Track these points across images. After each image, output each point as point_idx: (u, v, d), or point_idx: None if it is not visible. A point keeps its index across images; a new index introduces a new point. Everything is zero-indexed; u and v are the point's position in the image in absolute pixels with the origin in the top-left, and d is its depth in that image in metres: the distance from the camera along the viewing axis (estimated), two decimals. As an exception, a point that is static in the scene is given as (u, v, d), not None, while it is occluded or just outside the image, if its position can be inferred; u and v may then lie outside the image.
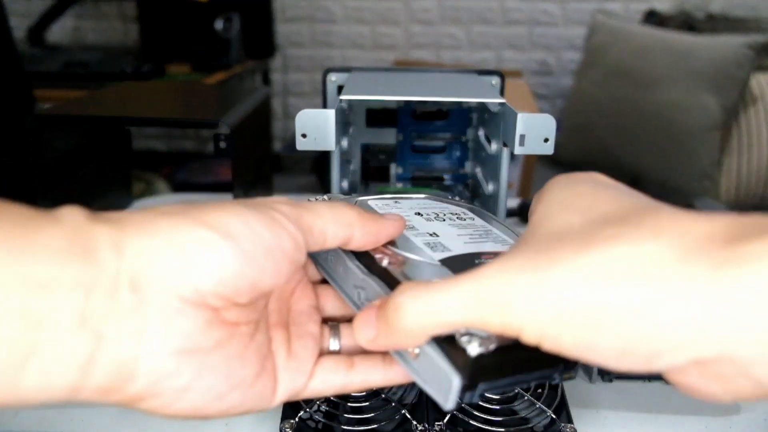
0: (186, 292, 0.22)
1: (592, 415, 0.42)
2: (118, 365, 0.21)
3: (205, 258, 0.22)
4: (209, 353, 0.23)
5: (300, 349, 0.28)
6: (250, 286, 0.24)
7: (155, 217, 0.23)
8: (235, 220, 0.23)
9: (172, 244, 0.22)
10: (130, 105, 0.65)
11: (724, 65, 1.60)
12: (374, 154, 0.60)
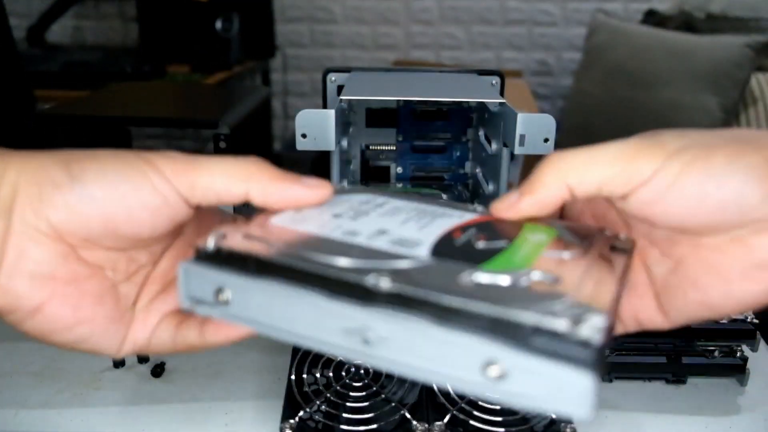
0: (41, 225, 0.24)
1: (592, 415, 0.42)
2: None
3: (55, 196, 0.24)
4: (64, 284, 0.25)
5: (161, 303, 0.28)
6: (103, 230, 0.25)
7: (36, 156, 0.25)
8: (94, 167, 0.25)
9: (33, 182, 0.24)
10: (130, 105, 0.65)
11: (724, 65, 1.60)
12: (374, 154, 0.60)
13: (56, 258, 0.25)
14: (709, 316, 0.26)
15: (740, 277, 0.25)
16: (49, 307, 0.25)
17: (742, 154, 0.24)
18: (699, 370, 0.45)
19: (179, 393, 0.43)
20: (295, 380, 0.39)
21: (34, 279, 0.24)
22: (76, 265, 0.25)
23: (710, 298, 0.25)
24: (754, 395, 0.44)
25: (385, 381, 0.39)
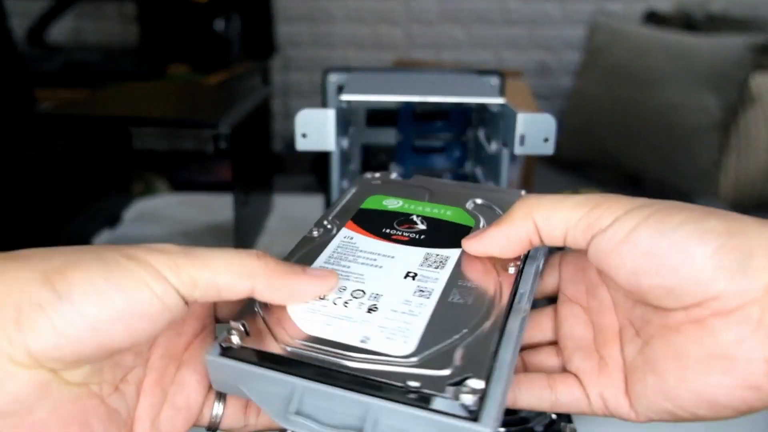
0: (17, 354, 0.20)
1: (592, 415, 0.42)
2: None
3: (38, 321, 0.20)
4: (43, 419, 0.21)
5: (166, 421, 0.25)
6: (95, 349, 0.21)
7: (9, 265, 0.21)
8: (82, 280, 0.21)
9: (9, 303, 0.20)
10: (130, 105, 0.65)
11: (724, 65, 1.60)
12: (374, 154, 0.60)
13: (34, 390, 0.21)
14: (671, 411, 0.24)
15: (698, 365, 0.23)
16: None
17: (704, 219, 0.23)
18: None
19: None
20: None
21: (7, 418, 0.20)
22: (57, 392, 0.21)
23: (668, 386, 0.24)
24: None
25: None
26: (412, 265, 0.30)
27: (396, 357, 0.24)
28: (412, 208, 0.35)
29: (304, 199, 0.82)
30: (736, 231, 0.22)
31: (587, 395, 0.27)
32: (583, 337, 0.29)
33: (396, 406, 0.23)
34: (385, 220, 0.34)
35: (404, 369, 0.24)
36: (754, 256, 0.22)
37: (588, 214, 0.25)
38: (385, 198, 0.36)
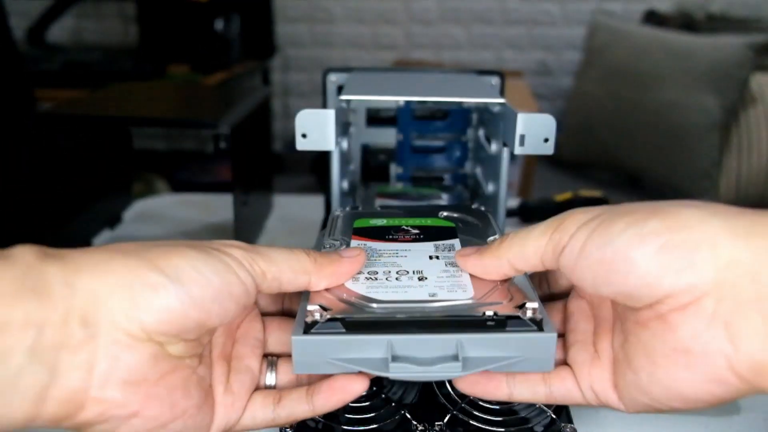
0: (133, 329, 0.24)
1: (592, 415, 0.42)
2: (69, 396, 0.23)
3: (153, 300, 0.24)
4: (155, 384, 0.25)
5: (237, 384, 0.30)
6: (196, 325, 0.25)
7: (111, 256, 0.25)
8: (186, 265, 0.25)
9: (123, 285, 0.24)
10: (130, 105, 0.65)
11: (724, 65, 1.60)
12: (374, 154, 0.60)
13: (147, 360, 0.24)
14: (649, 405, 0.26)
15: (664, 360, 0.24)
16: (146, 410, 0.25)
17: (645, 221, 0.24)
18: (699, 370, 0.45)
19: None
20: (295, 380, 0.39)
21: (128, 385, 0.24)
22: (163, 363, 0.25)
23: (642, 381, 0.26)
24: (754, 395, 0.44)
25: (385, 381, 0.39)
26: (430, 252, 0.36)
27: (465, 300, 0.30)
28: (397, 222, 0.40)
29: (304, 199, 0.82)
30: (679, 227, 0.23)
31: (580, 388, 0.29)
32: (584, 331, 0.30)
33: (480, 335, 0.28)
34: (382, 232, 0.39)
35: (476, 305, 0.29)
36: (699, 250, 0.22)
37: (551, 237, 0.27)
38: (370, 219, 0.41)
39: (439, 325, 0.29)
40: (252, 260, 0.28)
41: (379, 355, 0.28)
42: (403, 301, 0.30)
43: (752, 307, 0.21)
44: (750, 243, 0.22)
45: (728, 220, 0.23)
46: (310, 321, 0.28)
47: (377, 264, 0.34)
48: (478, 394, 0.30)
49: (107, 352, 0.23)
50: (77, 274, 0.23)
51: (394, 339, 0.28)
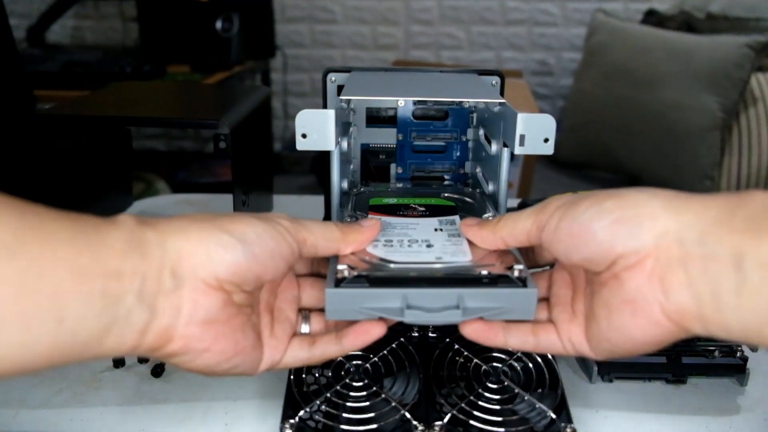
0: (210, 279, 0.30)
1: (592, 415, 0.42)
2: (162, 331, 0.29)
3: (225, 257, 0.30)
4: (223, 325, 0.31)
5: (279, 331, 0.36)
6: (255, 278, 0.31)
7: (190, 223, 0.31)
8: (250, 230, 0.31)
9: (201, 245, 0.30)
10: (130, 105, 0.65)
11: (724, 65, 1.60)
12: (374, 154, 0.60)
13: (219, 305, 0.30)
14: (609, 350, 0.32)
15: (617, 309, 0.30)
16: (216, 346, 0.31)
17: (602, 201, 0.31)
18: (699, 370, 0.45)
19: (179, 393, 0.43)
20: (295, 380, 0.39)
21: (205, 324, 0.30)
22: (229, 308, 0.31)
23: (602, 329, 0.32)
24: (754, 395, 0.44)
25: (385, 381, 0.39)
26: (435, 225, 0.43)
27: (464, 262, 0.37)
28: (406, 201, 0.48)
29: (304, 199, 0.82)
30: (629, 205, 0.30)
31: (561, 340, 0.35)
32: (564, 295, 0.36)
33: (477, 290, 0.34)
34: (393, 209, 0.46)
35: (473, 267, 0.36)
36: (642, 223, 0.29)
37: (536, 219, 0.33)
38: (383, 198, 0.48)
39: (444, 282, 0.35)
40: (296, 229, 0.34)
41: (396, 304, 0.34)
42: (415, 263, 0.36)
43: (678, 265, 0.28)
44: (680, 217, 0.28)
45: (666, 200, 0.29)
46: (340, 277, 0.34)
47: (392, 234, 0.41)
48: (480, 340, 0.35)
49: (190, 297, 0.29)
50: (166, 237, 0.29)
51: (408, 292, 0.34)
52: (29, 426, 0.40)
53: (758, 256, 0.25)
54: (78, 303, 0.26)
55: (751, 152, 1.62)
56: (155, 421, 0.41)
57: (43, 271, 0.25)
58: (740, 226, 0.26)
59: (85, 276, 0.26)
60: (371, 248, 0.38)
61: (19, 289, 0.24)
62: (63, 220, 0.27)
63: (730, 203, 0.27)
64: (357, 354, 0.41)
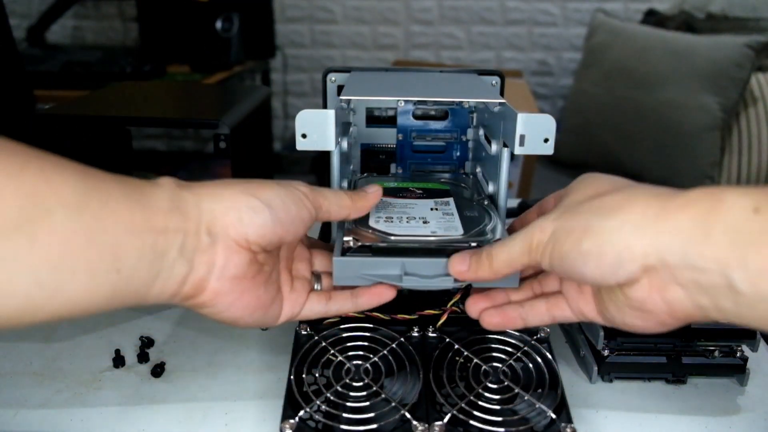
0: (240, 239, 0.33)
1: (592, 415, 0.42)
2: (198, 282, 0.33)
3: (254, 219, 0.33)
4: (249, 281, 0.35)
5: (298, 286, 0.40)
6: (278, 239, 0.35)
7: (223, 188, 0.34)
8: (275, 196, 0.35)
9: (233, 208, 0.33)
10: (130, 105, 0.65)
11: (724, 65, 1.60)
12: (374, 154, 0.60)
13: (246, 263, 0.34)
14: (620, 326, 0.34)
15: (626, 311, 0.33)
16: (241, 300, 0.35)
17: (579, 242, 0.32)
18: (699, 370, 0.45)
19: (179, 393, 0.43)
20: (295, 380, 0.39)
21: (234, 279, 0.34)
22: (254, 266, 0.35)
23: (614, 318, 0.34)
24: (754, 395, 0.44)
25: (385, 381, 0.39)
26: (431, 206, 0.47)
27: (456, 236, 0.41)
28: (405, 185, 0.52)
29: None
30: (604, 243, 0.31)
31: (573, 312, 0.37)
32: None
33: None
34: (394, 191, 0.50)
35: (464, 240, 0.41)
36: (622, 258, 0.30)
37: (530, 257, 0.35)
38: (384, 182, 0.51)
39: (438, 252, 0.40)
40: (314, 196, 0.37)
41: (395, 272, 0.39)
42: (412, 236, 0.41)
43: (673, 283, 0.29)
44: (655, 240, 0.29)
45: (637, 221, 0.30)
46: (346, 247, 0.39)
47: (392, 212, 0.45)
48: (503, 328, 0.40)
49: (223, 254, 0.33)
50: (202, 198, 0.33)
51: (406, 261, 0.39)
52: (29, 426, 0.40)
53: (747, 272, 0.26)
54: (132, 255, 0.29)
55: (751, 152, 1.62)
56: (155, 421, 0.41)
57: (105, 227, 0.28)
58: (721, 240, 0.27)
59: (138, 232, 0.29)
60: (374, 223, 0.43)
61: (86, 242, 0.27)
62: (116, 182, 0.30)
63: (701, 213, 0.28)
64: (357, 354, 0.41)
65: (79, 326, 0.51)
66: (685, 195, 0.29)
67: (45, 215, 0.26)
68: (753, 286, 0.26)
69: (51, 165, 0.28)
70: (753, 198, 0.27)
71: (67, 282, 0.27)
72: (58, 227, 0.26)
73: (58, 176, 0.27)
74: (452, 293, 0.50)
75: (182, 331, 0.51)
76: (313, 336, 0.43)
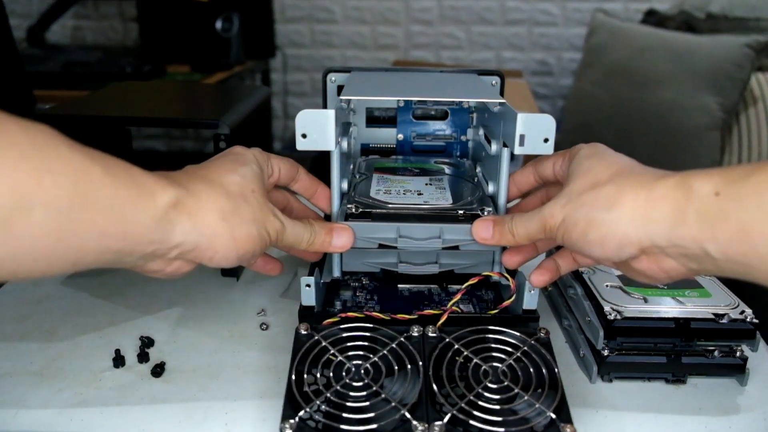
0: (202, 263, 0.38)
1: (592, 415, 0.42)
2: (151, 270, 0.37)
3: (223, 260, 0.38)
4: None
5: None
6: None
7: (214, 213, 0.37)
8: (248, 239, 0.38)
9: (212, 247, 0.37)
10: (130, 105, 0.65)
11: (724, 65, 1.60)
12: (374, 154, 0.60)
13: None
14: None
15: (632, 273, 0.38)
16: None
17: (586, 233, 0.37)
18: (699, 370, 0.45)
19: (179, 393, 0.43)
20: (295, 380, 0.39)
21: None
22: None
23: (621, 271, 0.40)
24: (754, 395, 0.44)
25: (385, 381, 0.39)
26: (426, 181, 0.52)
27: (446, 205, 0.47)
28: (403, 165, 0.57)
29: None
30: (607, 233, 0.36)
31: (576, 261, 0.44)
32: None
33: (454, 225, 0.45)
34: (394, 170, 0.55)
35: (452, 208, 0.47)
36: (622, 243, 0.35)
37: (545, 233, 0.40)
38: (385, 163, 0.57)
39: (429, 219, 0.46)
40: (280, 235, 0.42)
41: (391, 235, 0.45)
42: (407, 204, 0.47)
43: (666, 256, 0.35)
44: (646, 228, 0.35)
45: (632, 213, 0.35)
46: (349, 213, 0.46)
47: (391, 186, 0.51)
48: (547, 282, 0.44)
49: (178, 264, 0.37)
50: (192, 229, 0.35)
51: (401, 225, 0.45)
52: (29, 426, 0.40)
53: (717, 244, 0.32)
54: (94, 256, 0.32)
55: (751, 152, 1.62)
56: (155, 421, 0.41)
57: (78, 231, 0.30)
58: (694, 222, 0.33)
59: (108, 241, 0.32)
60: (374, 194, 0.49)
61: (55, 241, 0.29)
62: (110, 186, 0.32)
63: (677, 200, 0.33)
64: (357, 354, 0.41)
65: (79, 326, 0.51)
66: (664, 183, 0.35)
67: (25, 212, 0.28)
68: (724, 254, 0.32)
69: (47, 162, 0.29)
70: (714, 182, 0.32)
71: (26, 265, 0.29)
72: (34, 225, 0.28)
73: (51, 176, 0.28)
74: (452, 293, 0.50)
75: (182, 331, 0.51)
76: (313, 336, 0.43)
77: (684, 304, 0.45)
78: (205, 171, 0.40)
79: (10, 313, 0.53)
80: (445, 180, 0.53)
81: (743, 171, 0.32)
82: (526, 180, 0.47)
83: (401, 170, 0.55)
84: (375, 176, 0.54)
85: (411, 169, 0.56)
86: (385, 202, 0.47)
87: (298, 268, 0.60)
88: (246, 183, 0.40)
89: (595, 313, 0.45)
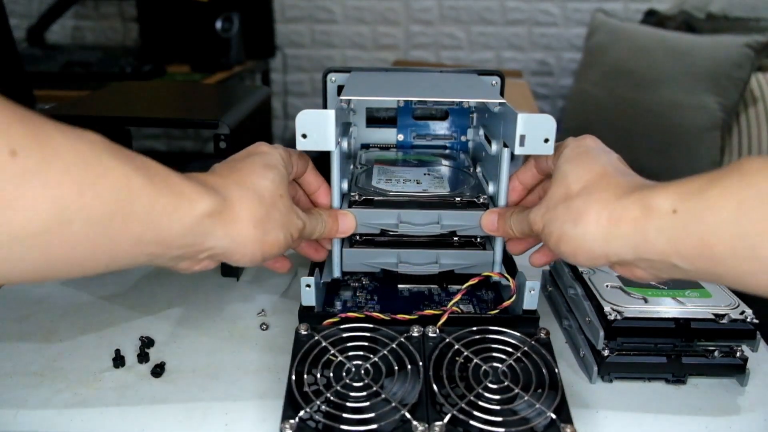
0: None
1: (592, 415, 0.42)
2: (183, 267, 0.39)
3: (250, 262, 0.39)
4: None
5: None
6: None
7: (247, 222, 0.38)
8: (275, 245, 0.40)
9: (241, 251, 0.38)
10: (130, 105, 0.65)
11: (724, 65, 1.60)
12: (374, 154, 0.60)
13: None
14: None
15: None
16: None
17: (561, 236, 0.38)
18: (699, 370, 0.45)
19: (179, 393, 0.43)
20: (295, 380, 0.39)
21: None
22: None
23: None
24: (754, 395, 0.44)
25: (386, 381, 0.39)
26: (424, 171, 0.54)
27: (444, 192, 0.49)
28: (403, 157, 0.59)
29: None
30: (576, 247, 0.37)
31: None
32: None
33: (451, 211, 0.47)
34: (394, 161, 0.57)
35: (449, 196, 0.49)
36: (594, 252, 0.36)
37: (542, 232, 0.40)
38: (384, 155, 0.59)
39: (428, 205, 0.48)
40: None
41: (393, 221, 0.47)
42: (407, 192, 0.49)
43: (634, 267, 0.36)
44: (611, 244, 0.36)
45: (595, 239, 0.36)
46: (353, 200, 0.47)
47: (392, 176, 0.52)
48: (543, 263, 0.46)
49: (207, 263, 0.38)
50: (225, 237, 0.37)
51: (401, 212, 0.47)
52: (29, 426, 0.40)
53: (683, 258, 0.33)
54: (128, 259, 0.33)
55: (751, 152, 1.62)
56: (155, 421, 0.41)
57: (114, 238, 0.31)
58: (657, 240, 0.33)
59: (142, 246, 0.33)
60: (376, 183, 0.50)
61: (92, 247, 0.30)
62: (148, 195, 0.33)
63: (637, 220, 0.34)
64: (357, 354, 0.41)
65: (79, 326, 0.51)
66: (624, 202, 0.35)
67: (65, 225, 0.28)
68: (692, 265, 0.32)
69: (91, 175, 0.29)
70: (671, 200, 0.33)
71: (61, 271, 0.30)
72: (72, 236, 0.29)
73: (93, 189, 0.29)
74: (452, 294, 0.50)
75: (182, 331, 0.51)
76: (313, 336, 0.43)
77: (684, 305, 0.45)
78: (238, 175, 0.40)
79: (10, 313, 0.53)
80: (443, 170, 0.55)
81: (700, 184, 0.32)
82: (530, 175, 0.47)
83: (401, 162, 0.57)
84: (376, 167, 0.54)
85: (411, 160, 0.57)
86: (386, 190, 0.49)
87: (298, 268, 0.60)
88: (276, 188, 0.40)
89: (595, 314, 0.45)
